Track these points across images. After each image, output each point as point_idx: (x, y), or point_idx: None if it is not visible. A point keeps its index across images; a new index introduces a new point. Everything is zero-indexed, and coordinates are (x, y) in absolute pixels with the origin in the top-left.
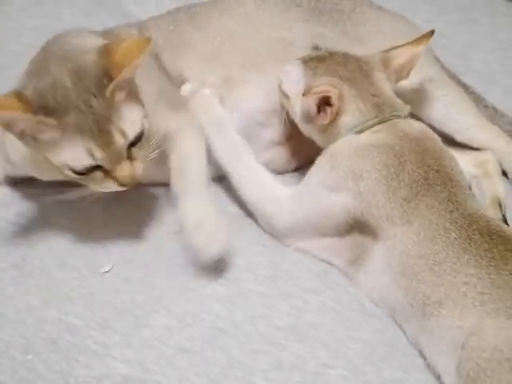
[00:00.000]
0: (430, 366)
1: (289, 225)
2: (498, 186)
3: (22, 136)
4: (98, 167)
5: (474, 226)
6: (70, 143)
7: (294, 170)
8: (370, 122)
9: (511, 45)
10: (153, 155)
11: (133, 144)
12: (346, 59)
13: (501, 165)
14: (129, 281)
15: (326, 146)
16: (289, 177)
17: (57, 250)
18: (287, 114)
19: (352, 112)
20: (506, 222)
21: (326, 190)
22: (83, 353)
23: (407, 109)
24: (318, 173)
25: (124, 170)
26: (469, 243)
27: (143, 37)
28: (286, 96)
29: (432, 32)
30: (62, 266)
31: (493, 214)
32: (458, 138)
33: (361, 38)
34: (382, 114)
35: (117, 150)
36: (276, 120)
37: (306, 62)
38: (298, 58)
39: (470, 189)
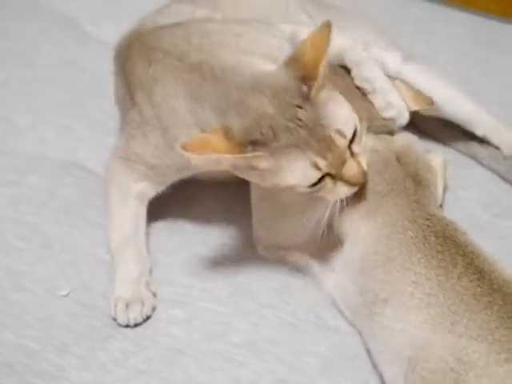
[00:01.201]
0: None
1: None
2: None
3: (235, 168)
4: (325, 175)
5: (432, 229)
6: (290, 164)
7: None
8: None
9: (468, 55)
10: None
11: (351, 141)
12: (341, 72)
13: (489, 139)
14: (86, 306)
15: None
16: None
17: (13, 273)
18: None
19: None
20: None
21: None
22: (40, 376)
23: (395, 128)
24: None
25: (352, 169)
26: (423, 243)
27: (322, 25)
28: None
29: (432, 102)
30: (18, 288)
31: None
32: (447, 108)
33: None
34: (371, 126)
35: (339, 153)
36: None
37: None
38: None
39: None
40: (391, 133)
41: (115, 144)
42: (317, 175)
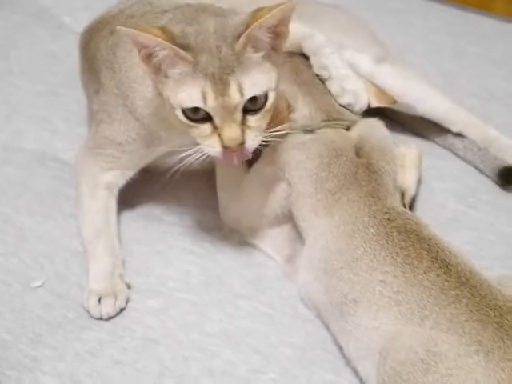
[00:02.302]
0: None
1: (233, 212)
2: (408, 178)
3: (156, 70)
4: (208, 120)
5: (393, 223)
6: (191, 82)
7: None
8: (316, 126)
9: (445, 47)
10: (269, 135)
11: (251, 112)
12: (306, 64)
13: (466, 135)
14: (61, 296)
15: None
16: None
17: None
18: None
19: (303, 114)
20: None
21: (267, 180)
22: (14, 368)
23: (355, 121)
24: (262, 164)
25: (231, 131)
26: (386, 240)
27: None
28: None
29: (395, 101)
30: None
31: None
32: (420, 107)
33: (308, 17)
34: (329, 119)
35: (230, 104)
36: None
37: None
38: None
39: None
40: (349, 128)
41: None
42: (199, 103)
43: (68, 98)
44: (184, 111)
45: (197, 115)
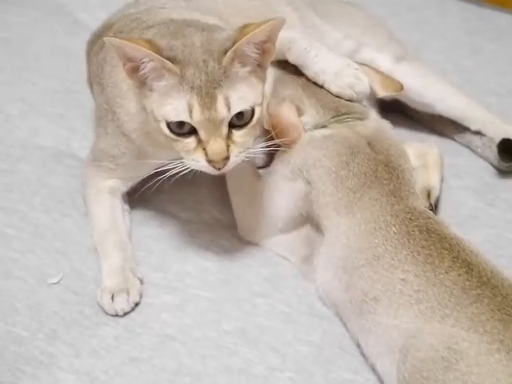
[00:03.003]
0: (372, 367)
1: (249, 219)
2: (432, 177)
3: (141, 84)
4: (193, 134)
5: (415, 223)
6: (177, 95)
7: None
8: (326, 122)
9: (462, 44)
10: (254, 152)
11: (237, 127)
12: None
13: (484, 133)
14: (78, 293)
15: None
16: None
17: (3, 260)
18: None
19: (312, 114)
20: (433, 211)
21: (282, 182)
22: (30, 364)
23: (368, 111)
24: (277, 166)
25: (216, 145)
26: (407, 239)
27: (275, 18)
28: None
29: (401, 87)
30: (7, 275)
31: (423, 202)
32: (440, 107)
33: (327, 14)
34: (338, 115)
35: (216, 118)
36: None
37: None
38: None
39: None
40: (362, 119)
41: None
42: (185, 117)
43: (84, 96)
44: (169, 125)
45: (182, 129)
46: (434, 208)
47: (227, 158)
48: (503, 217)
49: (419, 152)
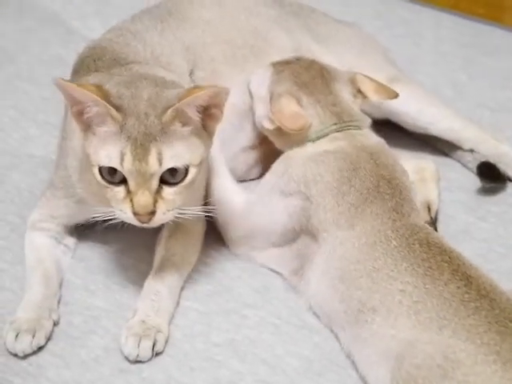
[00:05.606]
0: (363, 379)
1: (240, 232)
2: (431, 191)
3: (87, 127)
4: (123, 184)
5: (415, 236)
6: (114, 142)
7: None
8: (328, 130)
9: (455, 58)
10: (185, 213)
11: (170, 184)
12: (310, 65)
13: (477, 152)
14: (66, 303)
15: (284, 149)
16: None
17: None
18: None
19: (310, 114)
20: (434, 224)
21: (277, 195)
22: (18, 374)
23: (367, 120)
24: (272, 178)
25: (143, 198)
26: (408, 251)
27: (221, 88)
28: (251, 96)
29: (396, 95)
30: None
31: (424, 216)
32: (434, 129)
33: (322, 38)
34: (340, 122)
35: (146, 171)
36: (247, 123)
37: (275, 65)
38: (271, 62)
39: None
40: (362, 128)
41: None
42: (116, 163)
43: None
44: (101, 170)
45: (113, 177)
46: (435, 221)
47: (153, 212)
48: (494, 231)
49: (416, 167)
